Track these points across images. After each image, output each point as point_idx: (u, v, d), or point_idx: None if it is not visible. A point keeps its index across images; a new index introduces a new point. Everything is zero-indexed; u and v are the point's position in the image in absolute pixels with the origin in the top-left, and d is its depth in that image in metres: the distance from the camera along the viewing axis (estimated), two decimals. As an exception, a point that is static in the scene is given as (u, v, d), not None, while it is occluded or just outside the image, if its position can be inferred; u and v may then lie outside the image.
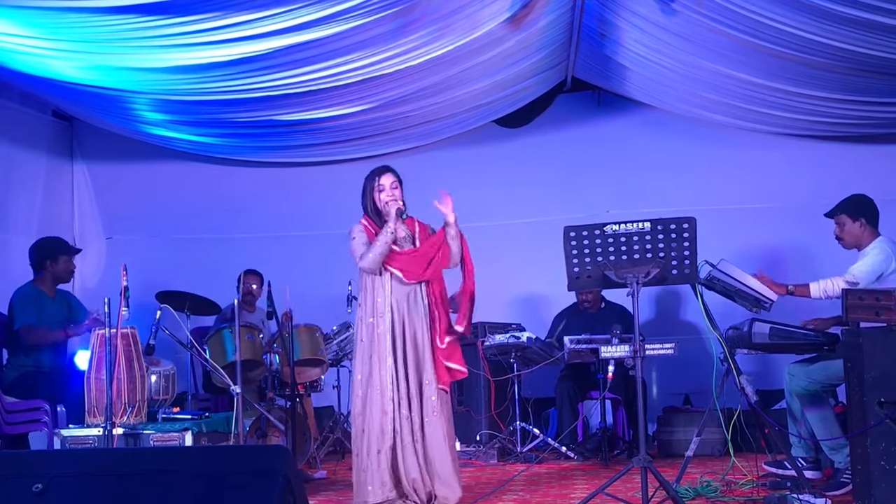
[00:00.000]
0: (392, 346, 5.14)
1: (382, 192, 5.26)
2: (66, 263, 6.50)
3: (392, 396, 5.09)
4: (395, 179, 5.31)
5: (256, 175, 8.81)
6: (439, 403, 5.13)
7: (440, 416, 5.12)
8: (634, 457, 4.62)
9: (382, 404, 5.08)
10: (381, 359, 5.13)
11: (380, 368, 5.12)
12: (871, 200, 5.71)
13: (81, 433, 5.21)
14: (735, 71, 6.71)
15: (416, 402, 5.12)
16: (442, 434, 5.11)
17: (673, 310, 8.25)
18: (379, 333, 5.16)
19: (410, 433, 5.09)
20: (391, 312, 5.17)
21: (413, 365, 5.15)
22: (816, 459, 5.60)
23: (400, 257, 5.20)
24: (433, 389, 5.14)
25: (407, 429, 5.09)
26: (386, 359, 5.13)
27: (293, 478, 2.83)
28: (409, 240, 5.32)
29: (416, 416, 5.10)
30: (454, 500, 5.10)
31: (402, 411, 5.09)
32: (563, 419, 7.31)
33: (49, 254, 6.45)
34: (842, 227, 5.71)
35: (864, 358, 4.46)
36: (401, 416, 5.08)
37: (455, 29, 6.06)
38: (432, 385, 5.14)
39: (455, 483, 5.12)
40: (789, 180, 8.06)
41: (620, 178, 8.34)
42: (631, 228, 4.68)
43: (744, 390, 5.27)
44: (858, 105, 7.04)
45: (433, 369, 5.15)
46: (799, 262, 7.67)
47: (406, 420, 5.09)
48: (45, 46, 5.71)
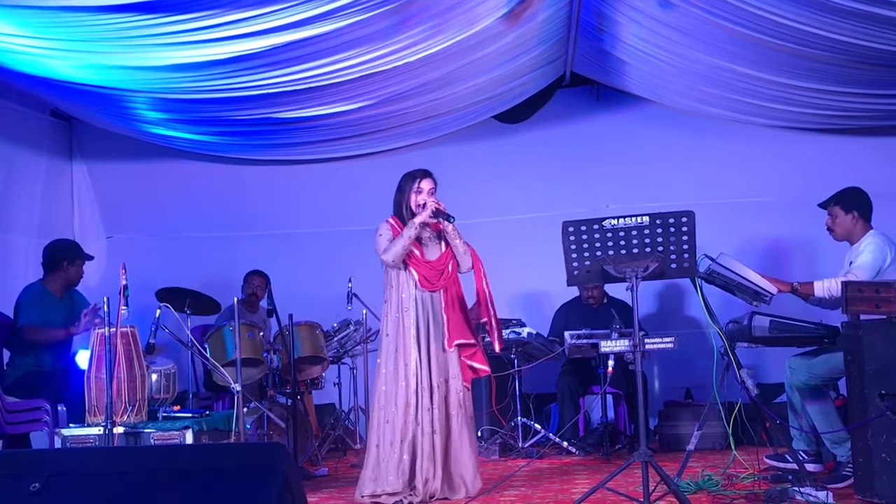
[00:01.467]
0: (417, 339, 5.30)
1: (420, 195, 5.36)
2: (79, 268, 6.53)
3: (416, 389, 5.24)
4: (433, 186, 5.46)
5: (255, 173, 8.80)
6: (463, 399, 5.30)
7: (464, 410, 5.30)
8: (636, 451, 4.62)
9: (407, 396, 5.24)
10: (407, 352, 5.30)
11: (405, 362, 5.28)
12: (865, 194, 5.71)
13: (82, 432, 5.22)
14: (733, 64, 6.70)
15: (438, 396, 5.26)
16: (466, 429, 5.27)
17: (673, 304, 8.24)
18: (405, 327, 5.33)
19: (430, 425, 5.22)
20: (416, 308, 5.34)
21: (436, 359, 5.29)
22: (818, 452, 5.60)
23: (418, 265, 5.36)
24: (458, 384, 5.31)
25: (427, 420, 5.22)
26: (411, 352, 5.28)
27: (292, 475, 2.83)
28: (434, 238, 5.47)
29: (437, 410, 5.23)
30: (473, 492, 5.25)
31: (423, 402, 5.23)
32: (565, 414, 7.31)
33: (67, 256, 6.47)
34: (834, 219, 5.72)
35: (864, 350, 4.47)
36: (422, 408, 5.22)
37: (452, 25, 6.05)
38: (458, 380, 5.31)
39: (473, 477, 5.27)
40: (788, 174, 8.05)
41: (619, 173, 8.33)
42: (630, 223, 4.68)
43: (744, 384, 5.27)
44: (856, 97, 7.03)
45: (458, 365, 5.31)
46: (798, 256, 7.67)
47: (427, 412, 5.22)
48: (42, 46, 5.70)
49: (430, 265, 5.39)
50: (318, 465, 6.62)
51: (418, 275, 5.36)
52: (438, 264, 5.41)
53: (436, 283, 5.36)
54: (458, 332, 5.34)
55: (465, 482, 5.27)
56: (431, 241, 5.46)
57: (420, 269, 5.37)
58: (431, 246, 5.45)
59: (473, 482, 5.29)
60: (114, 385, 5.11)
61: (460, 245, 5.42)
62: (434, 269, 5.39)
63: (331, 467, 6.61)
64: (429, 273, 5.37)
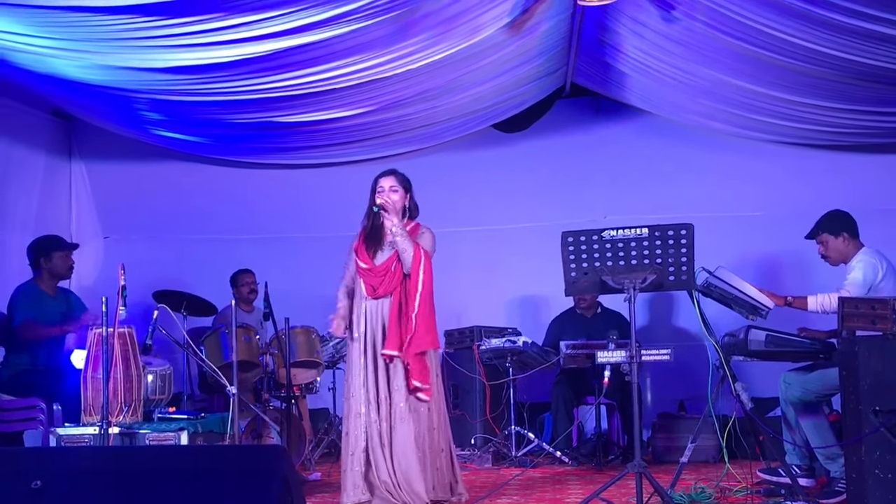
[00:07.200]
0: (364, 351, 5.26)
1: (380, 195, 5.30)
2: (61, 259, 6.48)
3: (363, 400, 5.20)
4: (395, 183, 5.35)
5: (254, 176, 8.81)
6: (408, 410, 5.17)
7: (408, 422, 5.16)
8: (629, 462, 4.63)
9: (356, 407, 5.21)
10: (356, 363, 5.27)
11: (355, 372, 5.26)
12: (847, 213, 5.75)
13: (77, 432, 5.23)
14: (734, 79, 6.72)
15: (384, 408, 5.19)
16: (409, 441, 5.14)
17: (669, 316, 8.26)
18: (355, 339, 5.31)
19: (378, 436, 5.16)
20: (365, 319, 5.30)
21: (383, 370, 5.23)
22: (811, 467, 5.61)
23: (364, 273, 5.31)
24: (402, 396, 5.19)
25: (375, 432, 5.17)
26: (360, 363, 5.25)
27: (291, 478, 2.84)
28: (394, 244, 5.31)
29: (384, 422, 5.18)
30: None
31: (371, 415, 5.18)
32: (558, 424, 7.32)
33: (42, 252, 6.44)
34: (826, 246, 5.75)
35: (859, 366, 4.47)
36: (370, 420, 5.17)
37: (455, 33, 6.07)
38: (401, 392, 5.20)
39: (421, 491, 5.10)
40: (787, 189, 8.08)
41: (618, 184, 8.35)
42: (628, 234, 4.70)
43: (739, 397, 5.28)
44: (856, 114, 7.05)
45: (403, 376, 5.21)
46: (795, 271, 7.69)
47: (375, 424, 5.17)
48: (46, 45, 5.70)
49: (374, 271, 5.27)
50: (310, 469, 6.61)
51: (364, 284, 5.28)
52: (381, 268, 5.26)
53: (378, 289, 5.24)
54: (392, 341, 5.19)
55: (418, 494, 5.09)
56: (389, 247, 5.32)
57: (366, 278, 5.28)
58: (388, 250, 5.32)
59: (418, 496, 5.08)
60: (110, 385, 5.11)
61: (400, 242, 5.21)
62: (377, 275, 5.25)
63: (324, 472, 6.60)
64: (373, 280, 5.26)
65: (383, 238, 5.33)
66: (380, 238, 5.33)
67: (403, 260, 5.23)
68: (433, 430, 5.26)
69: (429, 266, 5.25)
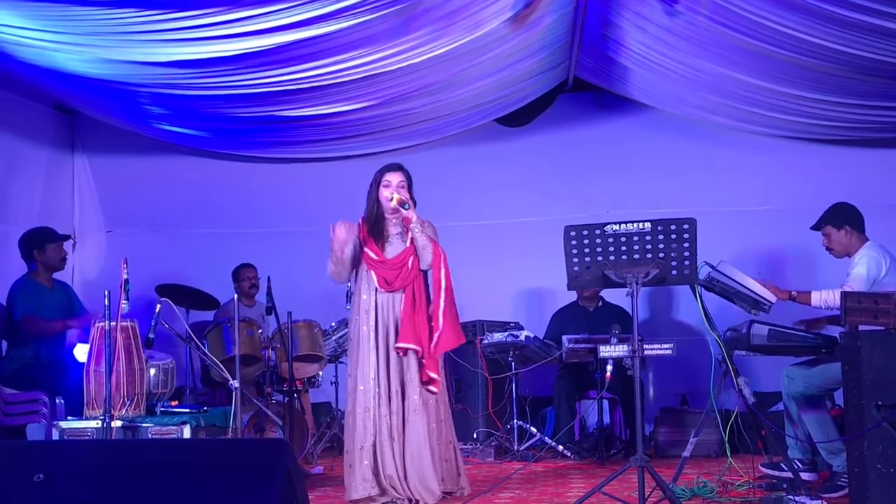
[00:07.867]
0: (375, 344, 5.20)
1: (387, 189, 5.30)
2: (54, 251, 6.48)
3: (374, 394, 5.15)
4: (403, 178, 5.34)
5: (257, 170, 8.81)
6: (421, 402, 5.16)
7: (421, 415, 5.14)
8: (631, 456, 4.63)
9: (365, 401, 5.15)
10: (365, 356, 5.20)
11: (364, 366, 5.19)
12: (853, 206, 5.75)
13: (80, 425, 5.22)
14: (737, 73, 6.71)
15: (396, 401, 5.16)
16: (423, 433, 5.13)
17: (671, 310, 8.26)
18: (363, 331, 5.24)
19: (388, 431, 5.13)
20: (375, 311, 5.25)
21: (395, 363, 5.19)
22: (813, 461, 5.62)
23: (376, 266, 5.26)
24: (415, 388, 5.17)
25: (385, 426, 5.13)
26: (370, 357, 5.19)
27: (294, 471, 2.84)
28: (400, 235, 5.34)
29: (395, 415, 5.14)
30: (432, 501, 5.10)
31: (381, 409, 5.13)
32: (561, 418, 7.33)
33: (35, 244, 6.44)
34: (829, 238, 5.76)
35: (862, 361, 4.47)
36: (380, 415, 5.13)
37: (458, 27, 6.07)
38: (414, 384, 5.18)
39: (434, 485, 5.11)
40: (790, 183, 8.07)
41: (621, 179, 8.35)
42: (631, 228, 4.70)
43: (741, 391, 5.28)
44: (859, 108, 7.04)
45: (417, 369, 5.19)
46: (798, 265, 7.68)
47: (385, 418, 5.13)
48: (49, 39, 5.71)
49: (387, 264, 5.24)
50: (313, 463, 6.62)
51: (377, 276, 5.25)
52: (395, 261, 5.25)
53: (394, 283, 5.22)
54: (407, 335, 5.16)
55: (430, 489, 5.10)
56: (398, 239, 5.32)
57: (378, 270, 5.25)
58: (396, 243, 5.32)
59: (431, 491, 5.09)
60: (113, 379, 5.12)
61: (420, 238, 5.22)
62: (391, 268, 5.23)
63: (326, 466, 6.61)
64: (386, 273, 5.23)
65: (387, 231, 5.33)
66: (384, 231, 5.33)
67: (422, 256, 5.23)
68: (441, 422, 5.28)
69: (446, 262, 5.26)
